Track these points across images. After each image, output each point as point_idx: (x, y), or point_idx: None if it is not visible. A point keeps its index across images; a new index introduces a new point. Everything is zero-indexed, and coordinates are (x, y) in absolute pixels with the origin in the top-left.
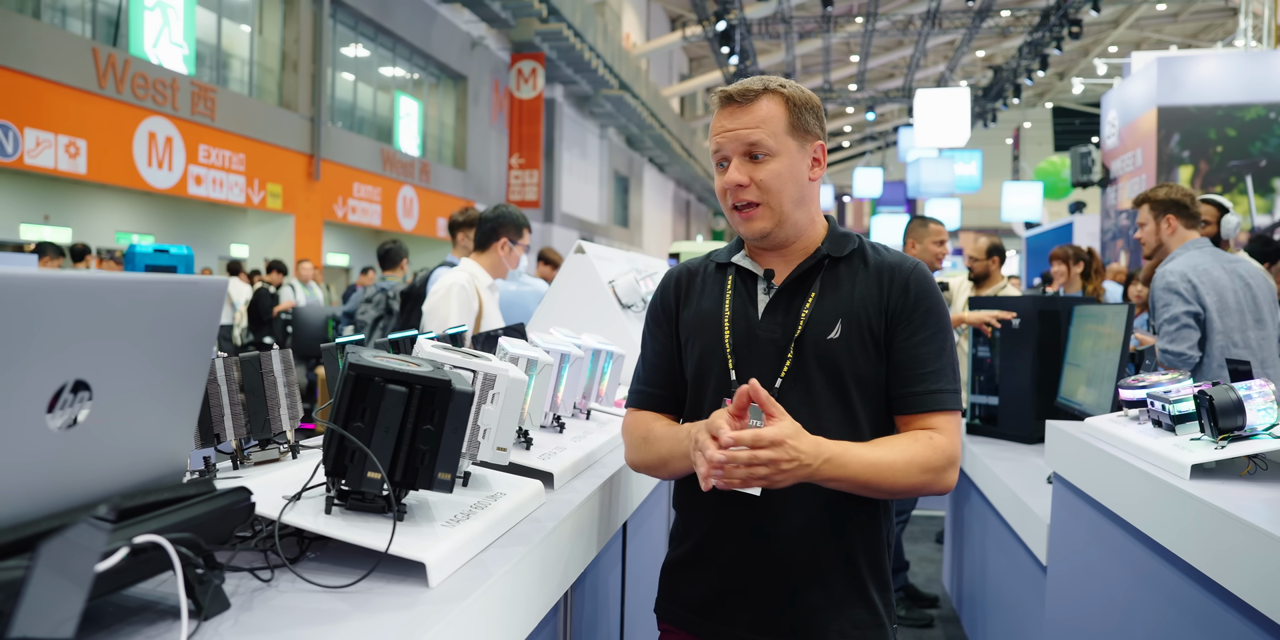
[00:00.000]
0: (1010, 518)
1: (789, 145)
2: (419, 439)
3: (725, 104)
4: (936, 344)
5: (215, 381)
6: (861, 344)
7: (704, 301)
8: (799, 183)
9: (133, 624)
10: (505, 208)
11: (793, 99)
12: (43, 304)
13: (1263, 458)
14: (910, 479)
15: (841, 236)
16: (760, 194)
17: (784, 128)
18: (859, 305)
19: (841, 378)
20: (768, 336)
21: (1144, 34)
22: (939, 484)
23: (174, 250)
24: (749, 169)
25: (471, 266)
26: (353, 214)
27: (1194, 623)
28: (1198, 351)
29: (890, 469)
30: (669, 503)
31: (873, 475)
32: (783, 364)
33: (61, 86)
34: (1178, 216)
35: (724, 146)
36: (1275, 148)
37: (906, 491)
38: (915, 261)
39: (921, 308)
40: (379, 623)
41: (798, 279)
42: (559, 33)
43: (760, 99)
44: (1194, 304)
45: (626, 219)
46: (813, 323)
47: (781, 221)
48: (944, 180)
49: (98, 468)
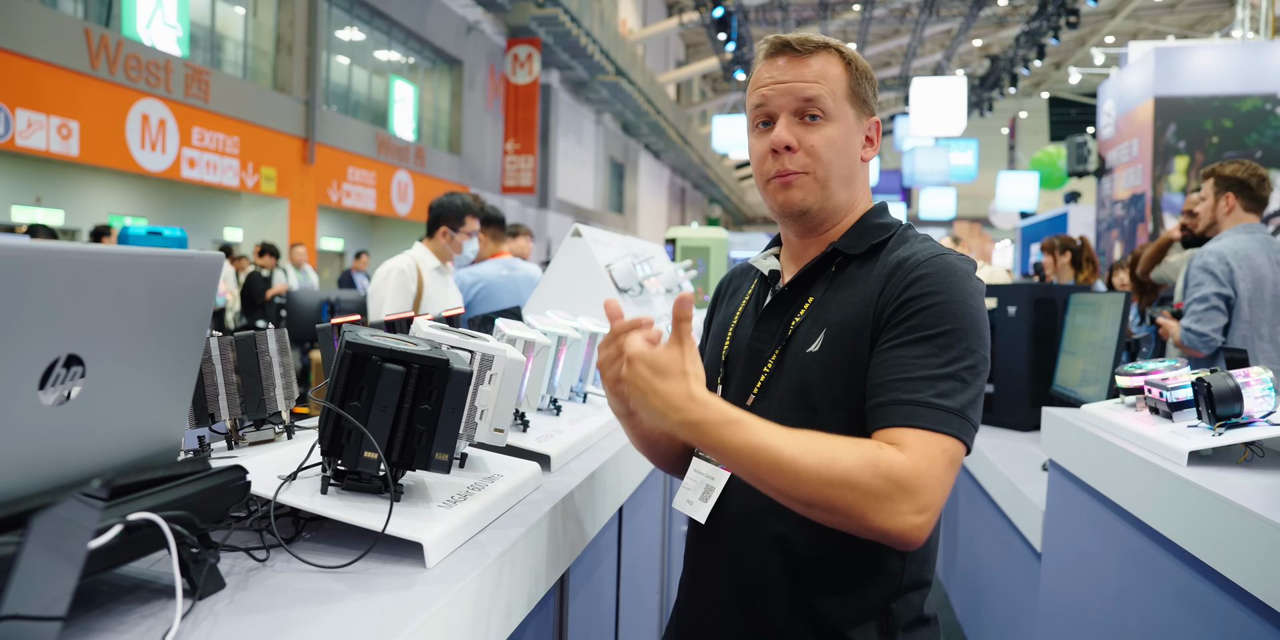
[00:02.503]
0: (1005, 505)
1: (847, 112)
2: (416, 419)
3: (778, 53)
4: (925, 348)
5: (210, 361)
6: (841, 360)
7: (729, 307)
8: (851, 159)
9: (126, 603)
10: (449, 197)
11: (854, 63)
12: (35, 277)
13: (1259, 445)
14: (823, 490)
15: (870, 229)
16: (807, 162)
17: (844, 90)
18: (851, 312)
19: (811, 397)
20: (757, 346)
21: (1141, 24)
22: (875, 516)
23: (167, 232)
24: (799, 131)
25: (419, 251)
26: (347, 198)
27: (1189, 609)
28: (1221, 336)
29: (792, 463)
30: (665, 487)
31: (758, 462)
32: (758, 378)
33: (54, 67)
34: (1239, 196)
35: (770, 101)
36: (1271, 139)
37: (819, 506)
38: (942, 253)
39: (915, 306)
40: (376, 603)
41: (801, 280)
42: (555, 18)
43: (819, 53)
44: (1227, 287)
45: (621, 205)
46: (800, 332)
47: (826, 199)
48: (939, 169)
49: (91, 445)
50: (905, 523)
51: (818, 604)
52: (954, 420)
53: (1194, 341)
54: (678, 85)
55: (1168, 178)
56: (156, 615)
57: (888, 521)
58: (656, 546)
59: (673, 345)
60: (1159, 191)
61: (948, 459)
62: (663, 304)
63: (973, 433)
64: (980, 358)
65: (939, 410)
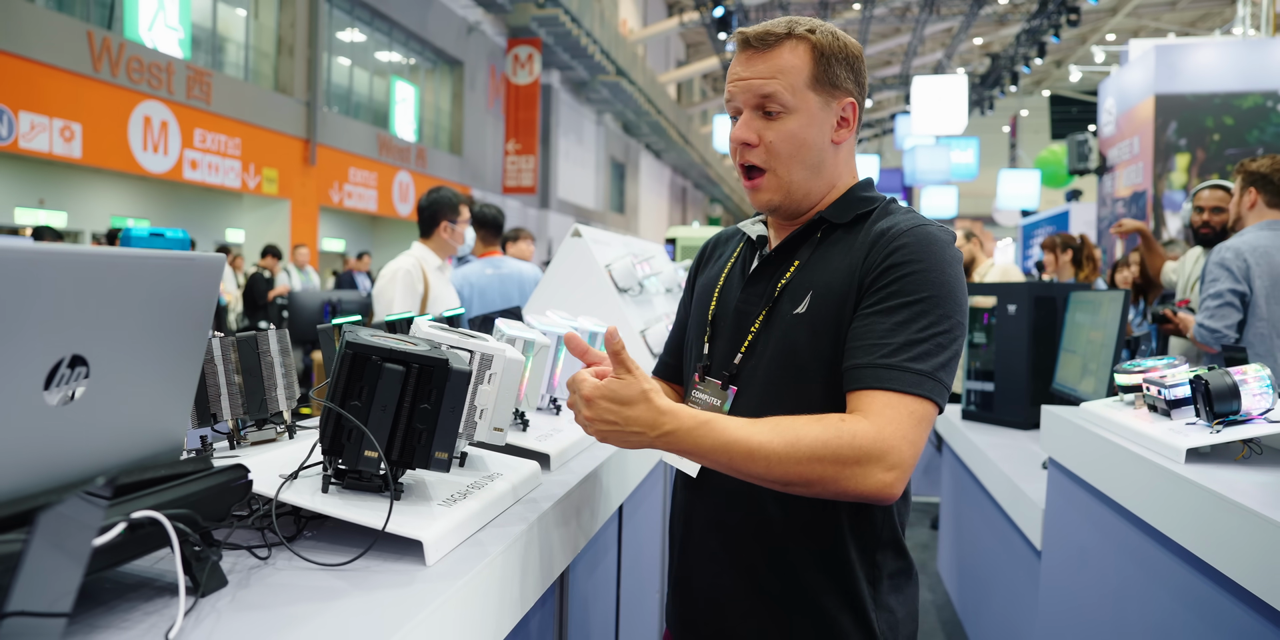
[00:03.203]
0: (1005, 503)
1: (809, 101)
2: (416, 418)
3: (743, 48)
4: (902, 315)
5: (212, 361)
6: (826, 322)
7: (713, 269)
8: (816, 147)
9: (130, 600)
10: (438, 192)
11: (820, 47)
12: (40, 278)
13: (1257, 442)
14: (794, 468)
15: (856, 200)
16: (767, 158)
17: (805, 80)
18: (836, 277)
19: (798, 358)
20: (744, 308)
21: (1141, 22)
22: (848, 481)
23: (169, 234)
24: (759, 126)
25: (420, 251)
26: (349, 199)
27: (1188, 607)
28: (1235, 332)
29: (762, 450)
30: (665, 485)
31: (732, 456)
32: (746, 337)
33: (56, 70)
34: (1262, 191)
35: (735, 97)
36: (1272, 136)
37: (796, 483)
38: (923, 223)
39: (896, 273)
40: (376, 600)
41: (788, 246)
42: (555, 18)
43: (782, 45)
44: (1242, 283)
45: (623, 205)
46: (785, 295)
47: (790, 192)
48: (940, 168)
49: (95, 444)
50: (877, 481)
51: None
52: (925, 382)
53: (1207, 337)
54: (678, 85)
55: (1169, 175)
56: (160, 612)
57: (860, 484)
58: (657, 544)
59: (622, 374)
60: (1160, 189)
61: (915, 419)
62: (663, 303)
63: (944, 393)
64: (955, 323)
65: (910, 373)
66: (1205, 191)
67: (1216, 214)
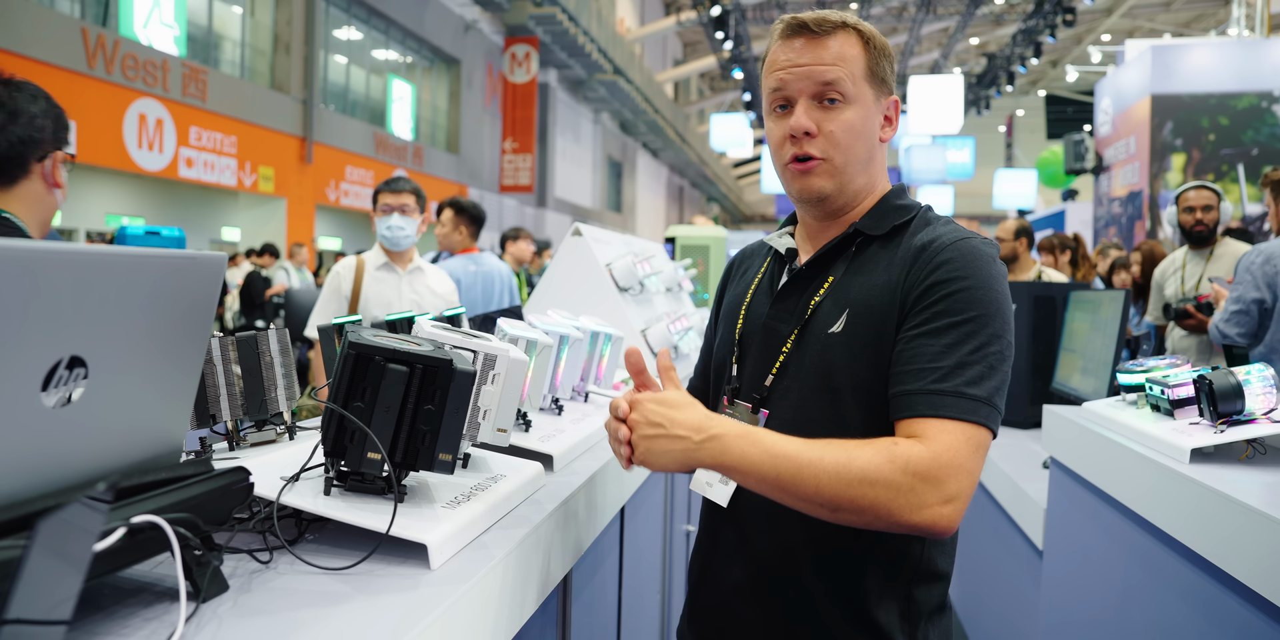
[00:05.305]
0: (1007, 503)
1: (866, 94)
2: (420, 419)
3: (794, 34)
4: (951, 336)
5: (211, 361)
6: (865, 342)
7: (739, 285)
8: (870, 141)
9: (130, 605)
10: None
11: (872, 41)
12: (37, 277)
13: (1261, 442)
14: (845, 491)
15: (892, 210)
16: (826, 147)
17: (863, 71)
18: (875, 294)
19: (834, 379)
20: (774, 326)
21: (1137, 22)
22: (901, 511)
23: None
24: (818, 116)
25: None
26: (345, 198)
27: (1192, 606)
28: (1248, 339)
29: (811, 468)
30: (665, 486)
31: (780, 471)
32: (777, 357)
33: (50, 67)
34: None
35: (788, 85)
36: (1267, 136)
37: (846, 509)
38: (966, 236)
39: (941, 291)
40: (381, 605)
41: (820, 260)
42: (553, 17)
43: (838, 33)
44: (1263, 291)
45: (620, 204)
46: (821, 312)
47: (845, 185)
48: (937, 167)
49: (93, 446)
50: (934, 514)
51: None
52: (981, 408)
53: (1218, 339)
54: (675, 84)
55: (1165, 175)
56: (160, 618)
57: (915, 515)
58: (658, 547)
59: (670, 387)
60: (1156, 189)
61: (973, 446)
62: (663, 302)
63: (998, 418)
64: (1006, 343)
65: (965, 399)
66: (1192, 192)
67: (1207, 213)
